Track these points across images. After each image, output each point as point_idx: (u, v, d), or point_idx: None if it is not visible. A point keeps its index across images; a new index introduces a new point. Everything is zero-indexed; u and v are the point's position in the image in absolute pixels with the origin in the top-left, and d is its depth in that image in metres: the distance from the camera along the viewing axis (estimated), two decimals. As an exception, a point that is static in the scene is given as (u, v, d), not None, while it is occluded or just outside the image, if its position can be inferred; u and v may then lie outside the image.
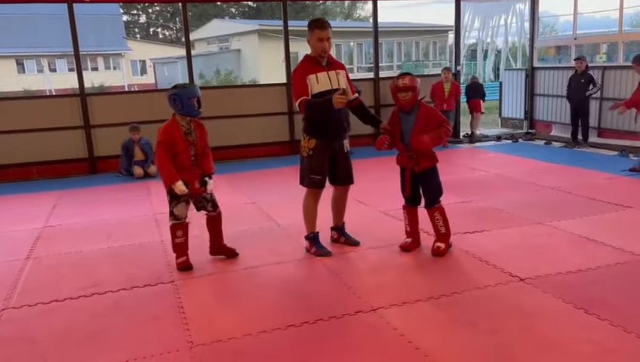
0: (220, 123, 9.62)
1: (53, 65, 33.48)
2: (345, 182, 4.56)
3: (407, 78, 4.24)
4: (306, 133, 4.38)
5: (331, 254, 4.50)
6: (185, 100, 4.00)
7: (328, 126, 4.30)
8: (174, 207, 4.18)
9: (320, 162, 4.36)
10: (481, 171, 7.72)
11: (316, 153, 4.34)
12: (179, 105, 4.03)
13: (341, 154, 4.47)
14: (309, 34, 4.27)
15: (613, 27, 10.75)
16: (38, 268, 4.57)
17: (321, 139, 4.33)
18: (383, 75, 11.39)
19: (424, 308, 3.50)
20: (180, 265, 4.30)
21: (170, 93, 4.05)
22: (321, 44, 4.21)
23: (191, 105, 4.03)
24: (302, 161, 4.45)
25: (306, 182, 4.44)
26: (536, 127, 11.60)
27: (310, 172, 4.37)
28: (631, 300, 3.47)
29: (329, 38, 4.24)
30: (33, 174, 8.76)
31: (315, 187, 4.43)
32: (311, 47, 4.29)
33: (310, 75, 4.20)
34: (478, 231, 4.95)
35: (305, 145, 4.39)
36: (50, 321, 3.57)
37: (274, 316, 3.46)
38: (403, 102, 4.22)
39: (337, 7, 41.67)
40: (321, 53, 4.24)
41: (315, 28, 4.22)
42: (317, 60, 4.27)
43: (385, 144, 4.30)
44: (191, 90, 4.09)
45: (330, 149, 4.39)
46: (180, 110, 4.05)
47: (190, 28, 12.30)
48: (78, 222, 5.97)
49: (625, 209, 5.47)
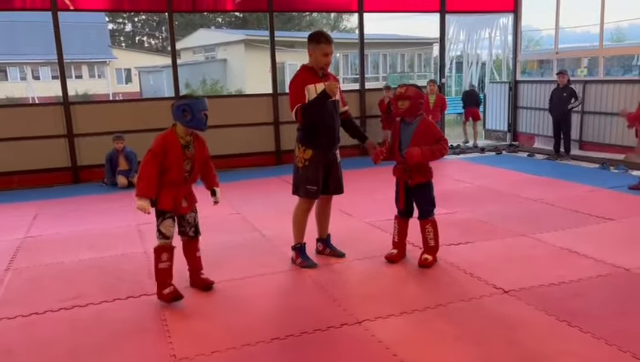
0: (206, 132, 9.57)
1: (36, 72, 33.13)
2: (336, 191, 4.58)
3: (404, 87, 4.33)
4: (302, 143, 4.37)
5: (317, 266, 4.49)
6: (196, 112, 3.77)
7: (323, 134, 4.32)
8: (160, 224, 3.87)
9: (316, 172, 4.36)
10: (465, 183, 7.78)
11: (312, 163, 4.34)
12: (189, 116, 3.77)
13: (334, 164, 4.49)
14: (312, 46, 4.27)
15: (594, 42, 10.96)
16: (18, 280, 4.49)
17: (316, 150, 4.34)
18: (369, 86, 11.46)
19: (409, 320, 3.50)
20: (168, 296, 3.83)
21: (181, 103, 3.81)
22: (325, 58, 4.25)
23: (201, 118, 3.80)
24: (296, 172, 4.43)
25: (302, 192, 4.42)
26: (519, 140, 11.74)
27: (306, 182, 4.36)
28: (613, 312, 3.51)
29: (332, 52, 4.30)
30: (14, 183, 8.63)
31: (311, 198, 4.43)
32: (312, 59, 4.30)
33: (309, 85, 4.24)
34: (462, 243, 4.98)
35: (300, 156, 4.38)
36: (29, 334, 3.50)
37: (258, 329, 3.43)
38: (400, 110, 4.27)
39: (324, 19, 41.90)
40: (324, 66, 4.29)
41: (321, 42, 4.24)
42: (315, 71, 4.31)
43: (381, 157, 4.34)
44: (202, 102, 3.86)
45: (325, 160, 4.40)
46: (189, 122, 3.79)
47: (176, 37, 12.28)
48: (59, 232, 5.89)
49: (606, 221, 5.54)
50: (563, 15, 10.80)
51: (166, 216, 3.87)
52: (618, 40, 31.28)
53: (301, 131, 4.39)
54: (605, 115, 9.60)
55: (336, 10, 15.68)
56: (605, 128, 9.64)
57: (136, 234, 5.68)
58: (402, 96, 4.25)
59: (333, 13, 34.07)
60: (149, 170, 3.75)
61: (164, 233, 3.86)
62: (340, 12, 27.91)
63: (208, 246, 5.15)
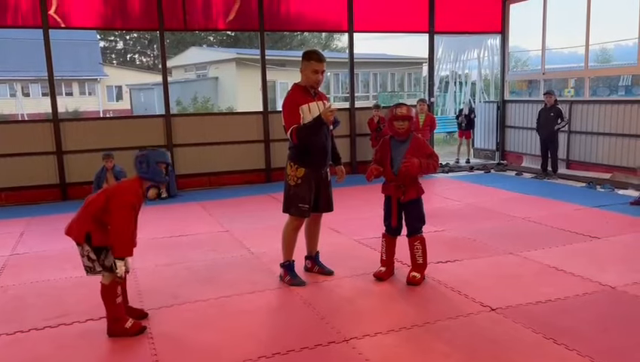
0: (196, 150, 9.63)
1: (26, 89, 33.03)
2: (326, 209, 4.57)
3: (404, 107, 4.34)
4: (294, 161, 4.36)
5: (305, 284, 4.47)
6: (152, 163, 3.56)
7: (316, 153, 4.32)
8: (105, 259, 3.52)
9: (308, 191, 4.35)
10: (454, 201, 7.83)
11: (304, 181, 4.34)
12: (144, 167, 3.57)
13: (324, 182, 4.50)
14: (303, 64, 4.29)
15: (580, 62, 11.15)
16: (3, 297, 4.44)
17: (309, 168, 4.34)
18: (359, 104, 11.55)
19: (397, 338, 3.50)
20: (135, 329, 3.62)
21: (138, 153, 3.63)
22: (315, 76, 4.26)
23: (158, 170, 3.62)
24: (288, 190, 4.40)
25: (293, 210, 4.38)
26: (507, 158, 11.86)
27: (298, 200, 4.34)
28: (599, 330, 3.53)
29: (323, 71, 4.30)
30: (1, 200, 8.57)
31: (302, 216, 4.41)
32: (304, 77, 4.32)
33: (303, 105, 4.23)
34: (450, 261, 5.00)
35: (292, 174, 4.36)
36: (13, 352, 3.45)
37: (245, 346, 3.41)
38: (400, 130, 4.30)
39: (315, 38, 42.30)
40: (314, 84, 4.30)
41: (311, 59, 4.26)
42: (307, 90, 4.32)
43: (374, 174, 4.35)
44: (161, 153, 3.69)
45: (317, 178, 4.41)
46: (145, 173, 3.58)
47: (168, 55, 12.35)
48: (46, 249, 5.84)
49: (592, 239, 5.59)
50: (550, 36, 10.99)
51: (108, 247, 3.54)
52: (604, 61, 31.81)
53: (294, 149, 4.37)
54: (592, 135, 9.74)
55: (326, 30, 15.87)
56: (592, 147, 9.77)
57: (124, 251, 5.64)
58: (404, 116, 4.28)
59: (324, 32, 34.42)
60: (129, 225, 3.48)
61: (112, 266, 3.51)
62: (330, 32, 28.23)
63: (197, 264, 5.16)
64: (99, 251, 3.53)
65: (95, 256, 3.52)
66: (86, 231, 3.49)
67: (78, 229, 3.53)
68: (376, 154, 4.54)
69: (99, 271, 3.56)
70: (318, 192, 4.45)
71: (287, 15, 10.14)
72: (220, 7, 9.60)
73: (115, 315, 3.61)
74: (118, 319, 3.61)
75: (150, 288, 4.51)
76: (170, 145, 9.39)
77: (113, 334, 3.61)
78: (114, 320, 3.61)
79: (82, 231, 3.51)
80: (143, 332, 3.64)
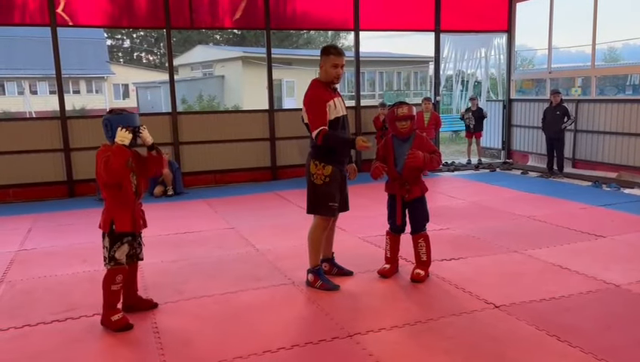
0: (202, 148, 9.68)
1: (34, 87, 33.24)
2: (343, 209, 4.47)
3: (406, 107, 4.33)
4: (319, 160, 4.22)
5: (339, 288, 4.32)
6: (116, 128, 3.55)
7: (341, 150, 4.26)
8: (117, 250, 3.64)
9: (336, 189, 4.26)
10: (458, 199, 7.83)
11: (333, 180, 4.23)
12: (109, 132, 3.58)
13: (345, 181, 4.42)
14: (322, 59, 4.21)
15: (587, 61, 11.12)
16: (12, 292, 4.49)
17: (336, 165, 4.25)
18: (365, 103, 11.56)
19: (400, 334, 3.52)
20: (119, 323, 3.62)
21: (104, 117, 3.63)
22: (335, 70, 4.16)
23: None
24: (315, 189, 4.25)
25: (323, 210, 4.25)
26: (513, 157, 11.84)
27: (328, 200, 4.22)
28: (602, 328, 3.54)
29: (343, 65, 4.23)
30: (10, 197, 8.65)
31: (333, 215, 4.32)
32: (323, 73, 4.22)
33: (329, 101, 4.16)
34: (454, 259, 5.01)
35: (319, 173, 4.21)
36: (21, 346, 3.50)
37: (251, 342, 3.45)
38: (402, 130, 4.31)
39: (321, 37, 42.32)
40: (334, 79, 4.20)
41: (330, 54, 4.18)
42: (327, 86, 4.24)
43: (382, 173, 4.34)
44: (125, 117, 3.63)
45: (341, 175, 4.35)
46: (110, 138, 3.59)
47: (174, 53, 12.40)
48: (53, 245, 5.90)
49: (597, 238, 5.59)
50: (557, 35, 10.96)
51: (124, 240, 3.67)
52: (612, 60, 31.67)
53: (317, 148, 4.21)
54: (598, 134, 9.72)
55: (332, 28, 15.84)
56: (598, 146, 9.75)
57: (130, 247, 5.69)
58: (406, 116, 4.28)
59: (330, 31, 34.38)
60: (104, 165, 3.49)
61: (118, 259, 3.65)
62: (336, 30, 28.19)
63: (202, 260, 5.20)
64: (118, 238, 3.66)
65: (109, 246, 3.66)
66: (111, 218, 3.65)
67: (104, 218, 3.70)
68: (378, 152, 4.53)
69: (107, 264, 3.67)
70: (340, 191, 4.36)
71: (293, 14, 10.17)
72: (227, 5, 9.64)
73: (107, 302, 3.66)
74: (109, 308, 3.66)
75: (156, 283, 4.55)
76: (177, 142, 9.45)
77: (103, 323, 3.68)
78: (107, 306, 3.67)
79: (108, 219, 3.67)
80: (127, 330, 3.61)
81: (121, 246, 3.67)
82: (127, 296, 3.90)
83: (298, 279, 4.53)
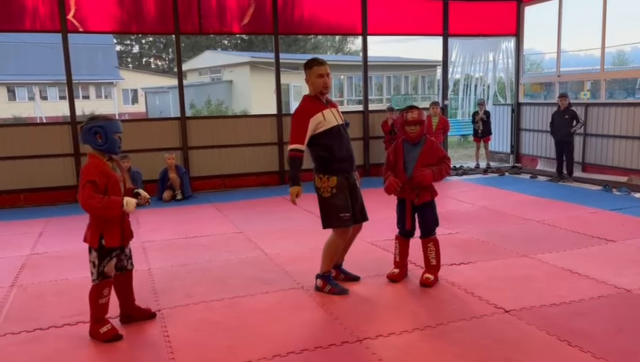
0: (211, 152, 9.73)
1: (44, 92, 33.54)
2: (361, 219, 4.40)
3: (415, 111, 4.30)
4: (322, 172, 4.19)
5: (348, 292, 4.33)
6: (110, 134, 3.50)
7: (343, 159, 4.20)
8: (106, 266, 3.56)
9: (345, 198, 4.19)
10: (467, 203, 7.81)
11: (339, 190, 4.17)
12: (101, 139, 3.50)
13: (355, 188, 4.33)
14: (307, 74, 4.20)
15: (596, 65, 11.07)
16: (23, 296, 4.53)
17: (340, 175, 4.19)
18: (373, 107, 11.57)
19: (410, 338, 3.52)
20: (108, 335, 3.57)
21: (92, 125, 3.52)
22: (322, 80, 4.13)
23: (115, 141, 3.55)
24: (323, 203, 4.20)
25: (336, 222, 4.19)
26: (522, 161, 11.79)
27: (339, 211, 4.16)
28: (613, 332, 3.52)
29: (328, 73, 4.19)
30: (21, 201, 8.73)
31: (346, 226, 4.22)
32: (311, 86, 4.20)
33: (315, 114, 4.12)
34: (464, 263, 5.00)
35: (325, 186, 4.17)
36: (33, 350, 3.53)
37: (260, 346, 3.45)
38: (412, 135, 4.30)
39: (328, 42, 42.43)
40: (322, 89, 4.16)
41: (313, 65, 4.16)
42: (318, 99, 4.21)
43: (397, 189, 4.32)
44: (116, 123, 3.59)
45: (348, 184, 4.27)
46: (102, 145, 3.52)
47: (183, 58, 12.48)
48: (64, 249, 5.94)
49: (608, 243, 5.55)
50: (566, 38, 10.93)
51: (113, 254, 3.61)
52: (621, 63, 31.50)
53: (318, 160, 4.20)
54: (607, 138, 9.66)
55: (340, 33, 15.89)
56: (608, 150, 9.69)
57: (140, 251, 5.72)
58: (416, 120, 4.27)
59: (338, 35, 34.48)
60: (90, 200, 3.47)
61: (106, 273, 3.59)
62: (344, 35, 28.27)
63: (211, 264, 5.22)
64: (107, 253, 3.57)
65: (98, 261, 3.56)
66: (99, 232, 3.54)
67: (92, 233, 3.58)
68: (388, 157, 4.52)
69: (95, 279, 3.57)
70: (351, 200, 4.28)
71: (300, 18, 10.21)
72: (235, 11, 9.70)
73: (95, 315, 3.61)
74: (96, 321, 3.61)
75: (166, 288, 4.58)
76: (186, 147, 9.50)
77: (91, 335, 3.62)
78: (94, 320, 3.62)
79: (96, 234, 3.55)
80: (116, 340, 3.56)
81: (110, 261, 3.59)
82: (125, 306, 3.85)
83: (307, 283, 4.53)
